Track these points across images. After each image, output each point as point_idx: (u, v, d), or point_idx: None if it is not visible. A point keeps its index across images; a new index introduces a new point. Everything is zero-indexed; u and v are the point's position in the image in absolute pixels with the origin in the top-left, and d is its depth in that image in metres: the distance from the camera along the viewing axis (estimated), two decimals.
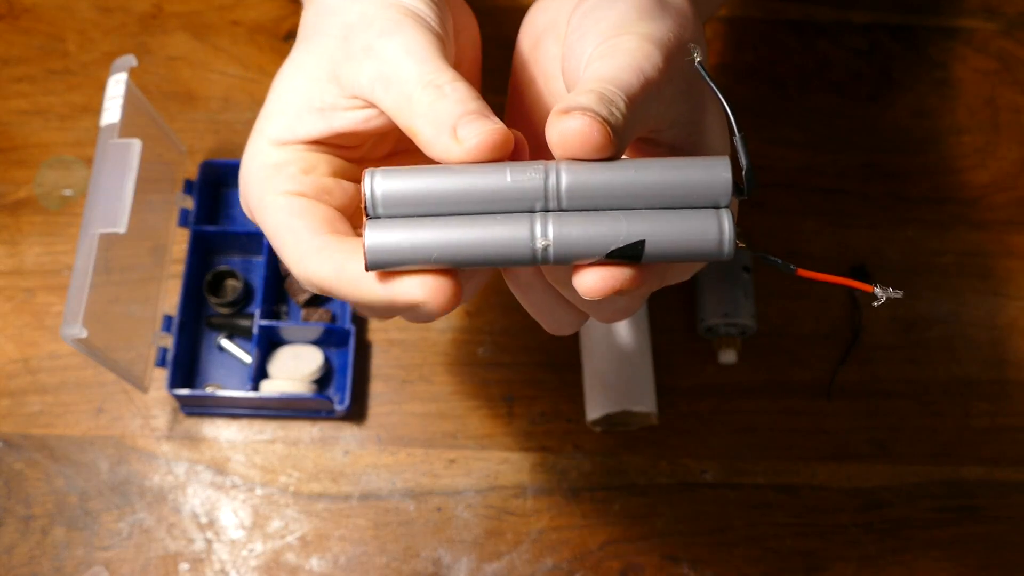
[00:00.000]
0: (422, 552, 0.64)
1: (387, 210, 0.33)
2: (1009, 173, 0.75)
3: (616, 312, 0.40)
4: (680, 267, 0.37)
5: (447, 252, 0.33)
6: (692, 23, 0.42)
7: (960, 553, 0.65)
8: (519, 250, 0.33)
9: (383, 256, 0.33)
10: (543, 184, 0.33)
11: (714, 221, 0.33)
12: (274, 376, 0.66)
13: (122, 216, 0.56)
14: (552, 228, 0.33)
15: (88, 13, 0.77)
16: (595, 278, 0.33)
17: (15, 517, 0.64)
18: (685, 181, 0.33)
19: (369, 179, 0.33)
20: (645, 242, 0.33)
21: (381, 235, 0.33)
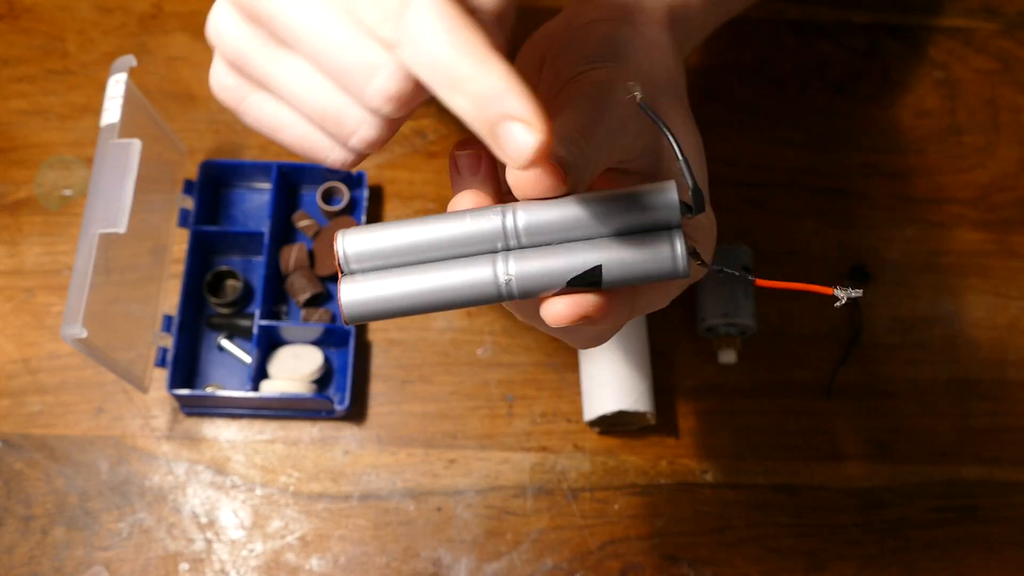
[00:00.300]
0: (422, 552, 0.64)
1: (360, 265, 0.36)
2: (1009, 173, 0.75)
3: (589, 339, 0.42)
4: (651, 294, 0.38)
5: (418, 299, 0.36)
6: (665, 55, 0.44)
7: (960, 553, 0.65)
8: (485, 289, 0.35)
9: (359, 310, 0.36)
10: (501, 225, 0.35)
11: (666, 242, 0.35)
12: (274, 376, 0.66)
13: (122, 216, 0.56)
14: (513, 265, 0.35)
15: (88, 13, 0.77)
16: (559, 307, 0.35)
17: (15, 517, 0.64)
18: (635, 208, 0.35)
19: (340, 240, 0.36)
20: (602, 267, 0.35)
21: (355, 290, 0.36)
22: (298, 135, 0.37)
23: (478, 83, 0.31)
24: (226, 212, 0.72)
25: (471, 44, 0.31)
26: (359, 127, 0.35)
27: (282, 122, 0.37)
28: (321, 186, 0.71)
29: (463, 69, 0.31)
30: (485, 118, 0.32)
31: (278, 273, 0.70)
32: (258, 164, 0.70)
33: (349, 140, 0.36)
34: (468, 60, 0.31)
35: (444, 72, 0.32)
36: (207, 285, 0.69)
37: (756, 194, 0.73)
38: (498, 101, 0.31)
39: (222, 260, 0.71)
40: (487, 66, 0.31)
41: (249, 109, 0.38)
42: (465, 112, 0.32)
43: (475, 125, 0.32)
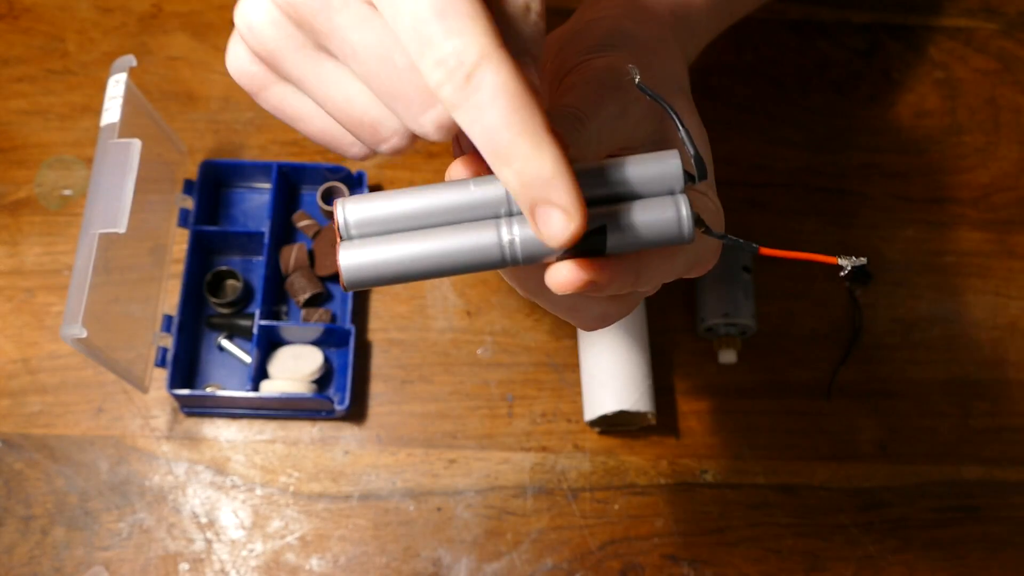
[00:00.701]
0: (422, 552, 0.64)
1: (360, 231, 0.35)
2: (1009, 173, 0.75)
3: (595, 319, 0.41)
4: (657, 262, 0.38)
5: (419, 262, 0.35)
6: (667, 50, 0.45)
7: (960, 553, 0.65)
8: (488, 252, 0.35)
9: (358, 274, 0.35)
10: (504, 190, 0.35)
11: (671, 205, 0.35)
12: (274, 376, 0.66)
13: (122, 216, 0.56)
14: (516, 228, 0.35)
15: (88, 13, 0.77)
16: (564, 271, 0.35)
17: (15, 517, 0.64)
18: (640, 174, 0.35)
19: (341, 207, 0.35)
20: (606, 226, 0.34)
21: (355, 254, 0.35)
22: (321, 128, 0.37)
23: (529, 165, 0.32)
24: (226, 212, 0.72)
25: (530, 125, 0.32)
26: (393, 137, 0.36)
27: (307, 115, 0.37)
28: (321, 186, 0.71)
29: (517, 149, 0.32)
30: (529, 196, 0.33)
31: (278, 273, 0.70)
32: (258, 164, 0.70)
33: (379, 146, 0.36)
34: (524, 141, 0.32)
35: (498, 147, 0.32)
36: (207, 285, 0.69)
37: (756, 194, 0.73)
38: (545, 187, 0.32)
39: (222, 260, 0.71)
40: (541, 151, 0.32)
41: (270, 98, 0.37)
42: (509, 185, 0.33)
43: (515, 197, 0.33)
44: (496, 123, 0.32)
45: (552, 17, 0.48)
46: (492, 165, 0.33)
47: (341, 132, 0.37)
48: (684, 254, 0.40)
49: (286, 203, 0.72)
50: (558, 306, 0.41)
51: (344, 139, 0.37)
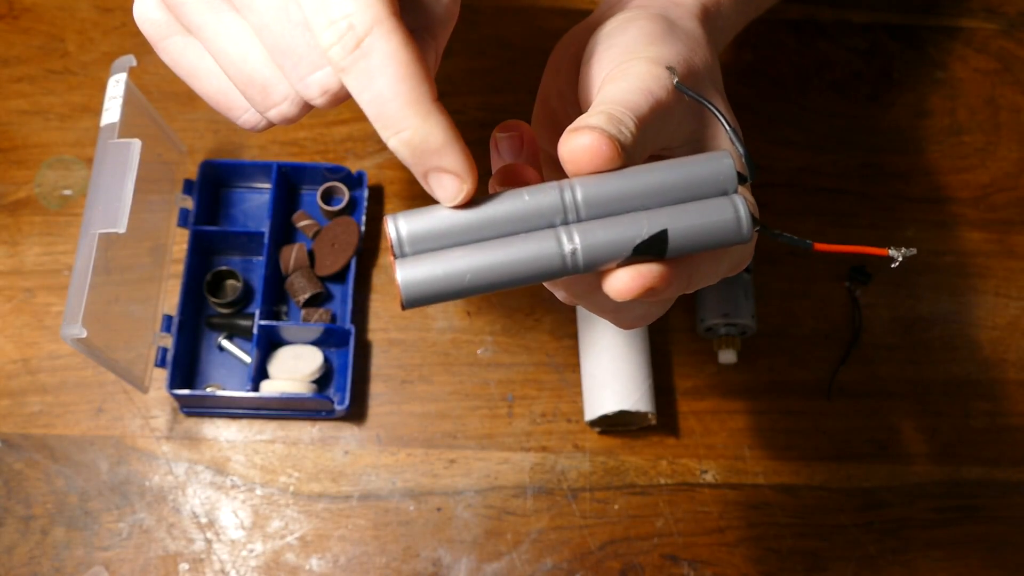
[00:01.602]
0: (422, 552, 0.64)
1: (414, 248, 0.34)
2: (1009, 173, 0.75)
3: (637, 318, 0.41)
4: (707, 266, 0.38)
5: (480, 275, 0.34)
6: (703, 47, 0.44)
7: (960, 553, 0.65)
8: (549, 260, 0.34)
9: (418, 290, 0.34)
10: (560, 199, 0.34)
11: (729, 205, 0.34)
12: (274, 376, 0.66)
13: (122, 216, 0.56)
14: (577, 235, 0.34)
15: (88, 13, 0.77)
16: (625, 279, 0.35)
17: (15, 517, 0.64)
18: (693, 175, 0.35)
19: (392, 223, 0.34)
20: (668, 231, 0.34)
21: (413, 270, 0.34)
22: (215, 88, 0.37)
23: (418, 134, 0.33)
24: (226, 212, 0.72)
25: (417, 94, 0.32)
26: (282, 103, 0.36)
27: (203, 71, 0.37)
28: (321, 186, 0.71)
29: (406, 119, 0.32)
30: (421, 164, 0.33)
31: (278, 273, 0.70)
32: (258, 164, 0.70)
33: (268, 111, 0.36)
34: (412, 110, 0.32)
35: (386, 115, 0.32)
36: (207, 285, 0.69)
37: (756, 194, 0.72)
38: (436, 155, 0.33)
39: (222, 260, 0.71)
40: (428, 120, 0.33)
41: (170, 48, 0.37)
42: (397, 151, 0.33)
43: (405, 164, 0.33)
44: (384, 92, 0.32)
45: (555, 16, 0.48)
46: (381, 133, 0.33)
47: (235, 95, 0.37)
48: (730, 255, 0.40)
49: (286, 203, 0.72)
50: (603, 308, 0.41)
51: (237, 102, 0.37)
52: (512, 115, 0.39)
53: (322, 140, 0.74)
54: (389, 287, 0.70)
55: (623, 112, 0.37)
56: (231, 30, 0.35)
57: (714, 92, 0.45)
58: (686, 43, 0.44)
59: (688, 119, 0.41)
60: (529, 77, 0.75)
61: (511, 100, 0.74)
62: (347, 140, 0.74)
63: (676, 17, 0.46)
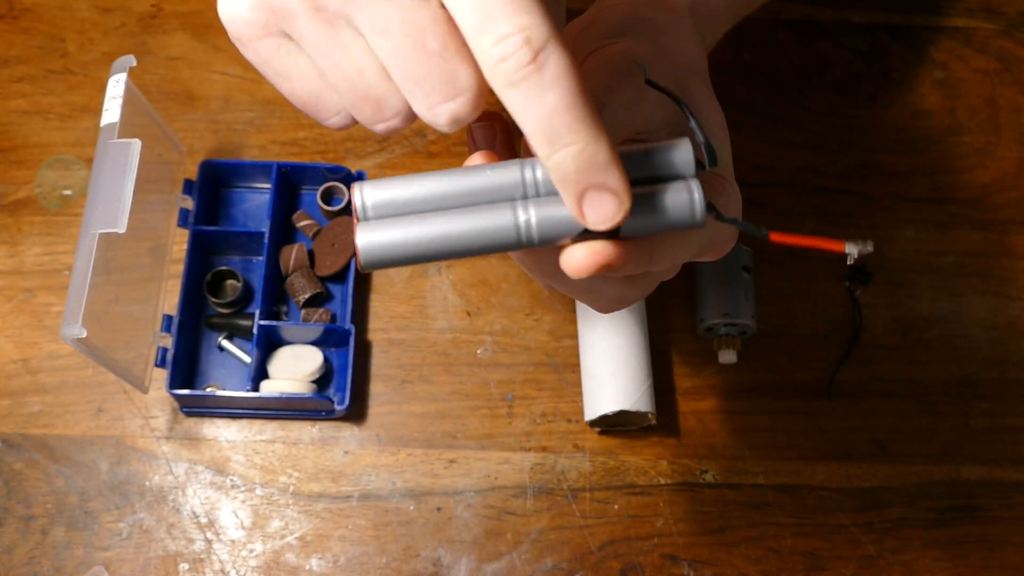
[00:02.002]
0: (422, 552, 0.64)
1: (377, 214, 0.35)
2: (1009, 173, 0.75)
3: (612, 301, 0.41)
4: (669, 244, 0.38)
5: (436, 243, 0.35)
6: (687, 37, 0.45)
7: (960, 553, 0.65)
8: (504, 232, 0.35)
9: (376, 254, 0.35)
10: (520, 175, 0.35)
11: (683, 189, 0.35)
12: (274, 376, 0.66)
13: (122, 216, 0.56)
14: (533, 209, 0.35)
15: (88, 13, 0.77)
16: (580, 255, 0.35)
17: (15, 517, 0.64)
18: (651, 162, 0.36)
19: (359, 190, 0.35)
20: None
21: (372, 234, 0.35)
22: (307, 92, 0.36)
23: (585, 148, 0.32)
24: (226, 212, 0.72)
25: (588, 110, 0.32)
26: (394, 119, 0.35)
27: (296, 75, 0.36)
28: (321, 186, 0.71)
29: (577, 134, 0.32)
30: (583, 181, 0.33)
31: (278, 273, 0.70)
32: (258, 164, 0.70)
33: (375, 124, 0.35)
34: (584, 126, 0.32)
35: (554, 130, 0.32)
36: (207, 285, 0.69)
37: (756, 194, 0.73)
38: (601, 172, 0.32)
39: (222, 260, 0.71)
40: (599, 136, 0.32)
41: (260, 49, 0.36)
42: (559, 167, 0.32)
43: (563, 181, 0.33)
44: (556, 106, 0.31)
45: None
46: (542, 147, 0.32)
47: (329, 99, 0.36)
48: (697, 236, 0.40)
49: (286, 203, 0.72)
50: (575, 289, 0.41)
51: (330, 107, 0.36)
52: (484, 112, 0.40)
53: (322, 140, 0.74)
54: (389, 287, 0.70)
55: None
56: (348, 46, 0.34)
57: (692, 79, 0.45)
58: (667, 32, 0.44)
59: (664, 104, 0.41)
60: None
61: None
62: (347, 140, 0.74)
63: (660, 8, 0.46)
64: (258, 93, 0.75)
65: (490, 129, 0.39)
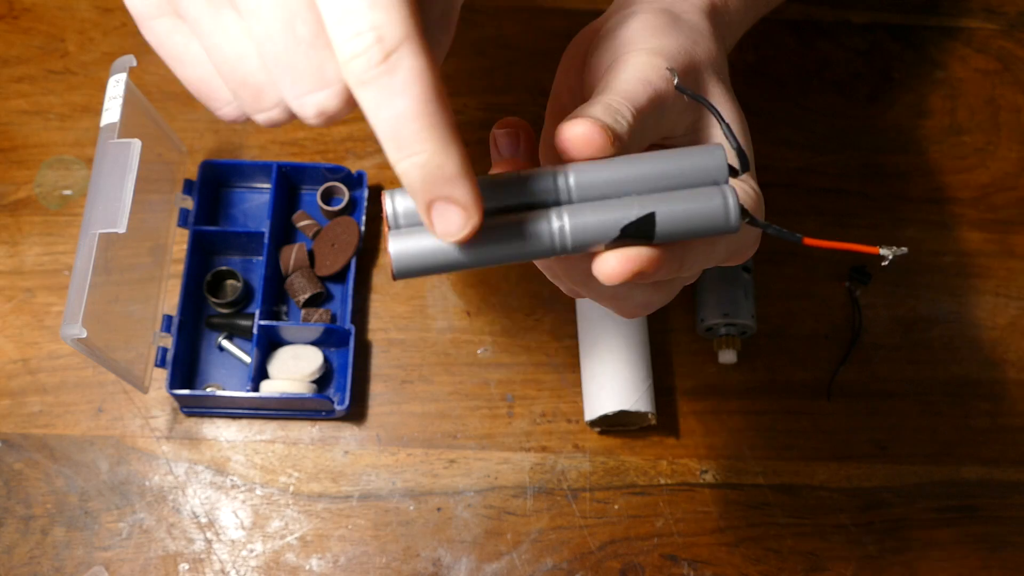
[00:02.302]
0: (422, 552, 0.64)
1: (408, 222, 0.35)
2: (1009, 173, 0.75)
3: (637, 307, 0.41)
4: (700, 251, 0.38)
5: (469, 252, 0.35)
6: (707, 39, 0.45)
7: (960, 553, 0.65)
8: (538, 239, 0.35)
9: (409, 262, 0.35)
10: (553, 182, 0.35)
11: (718, 194, 0.35)
12: (274, 376, 0.66)
13: (122, 216, 0.56)
14: (566, 216, 0.35)
15: (88, 13, 0.77)
16: (614, 262, 0.35)
17: (15, 517, 0.64)
18: (685, 166, 0.35)
19: (390, 198, 0.35)
20: (655, 214, 0.35)
21: (405, 243, 0.35)
22: (199, 77, 0.35)
23: (431, 159, 0.31)
24: (226, 212, 0.72)
25: (439, 117, 0.31)
26: (271, 110, 0.34)
27: (188, 58, 0.35)
28: (321, 186, 0.71)
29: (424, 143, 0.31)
30: (428, 192, 0.32)
31: (278, 273, 0.70)
32: (258, 164, 0.70)
33: (255, 114, 0.34)
34: (432, 135, 0.31)
35: (402, 137, 0.31)
36: (207, 285, 0.69)
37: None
38: (448, 184, 0.32)
39: (222, 260, 0.71)
40: (447, 146, 0.31)
41: (156, 28, 0.35)
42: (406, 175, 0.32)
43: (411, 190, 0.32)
44: (405, 111, 0.31)
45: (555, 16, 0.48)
46: (391, 154, 0.32)
47: (219, 87, 0.35)
48: (726, 242, 0.40)
49: (286, 203, 0.72)
50: (602, 295, 0.41)
51: (220, 95, 0.35)
52: (512, 115, 0.40)
53: (322, 140, 0.74)
54: (389, 287, 0.70)
55: (620, 102, 0.37)
56: (229, 28, 0.33)
57: (718, 83, 0.45)
58: (689, 35, 0.44)
59: (689, 110, 0.41)
60: (529, 77, 0.75)
61: (511, 100, 0.74)
62: (347, 140, 0.74)
63: (681, 11, 0.46)
64: None
65: (514, 136, 0.39)
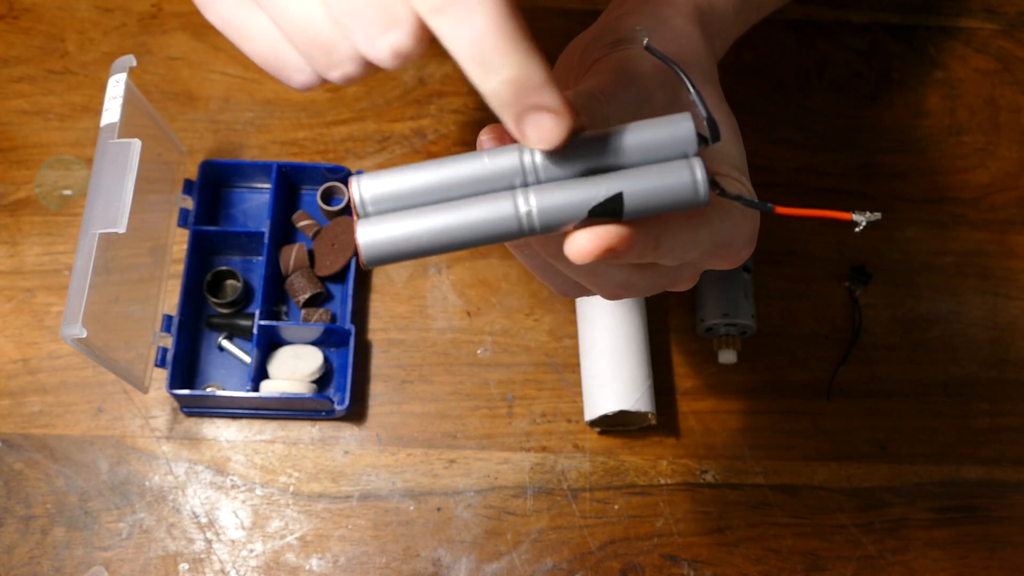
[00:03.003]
0: (422, 552, 0.64)
1: (376, 208, 0.35)
2: (1009, 173, 0.75)
3: (619, 286, 0.41)
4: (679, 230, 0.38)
5: (438, 236, 0.35)
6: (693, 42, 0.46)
7: (960, 553, 0.65)
8: (506, 223, 0.35)
9: (377, 250, 0.35)
10: (519, 161, 0.35)
11: (686, 167, 0.35)
12: (274, 376, 0.66)
13: (122, 216, 0.56)
14: (533, 197, 0.35)
15: (88, 13, 0.77)
16: (583, 241, 0.35)
17: (15, 517, 0.64)
18: (653, 137, 0.35)
19: (356, 184, 0.35)
20: (623, 194, 0.34)
21: (373, 231, 0.35)
22: (269, 48, 0.36)
23: (518, 71, 0.31)
24: (226, 212, 0.72)
25: (519, 31, 0.31)
26: (345, 64, 0.34)
27: (255, 31, 0.35)
28: (321, 186, 0.71)
29: (509, 56, 0.31)
30: (517, 103, 0.32)
31: (278, 273, 0.70)
32: (258, 164, 0.70)
33: (329, 72, 0.35)
34: (515, 48, 0.31)
35: (486, 54, 0.31)
36: (207, 285, 0.69)
37: (756, 194, 0.73)
38: (538, 93, 0.32)
39: (222, 260, 0.71)
40: (530, 57, 0.31)
41: (219, 7, 0.36)
42: (495, 93, 0.32)
43: (501, 107, 0.32)
44: (485, 29, 0.31)
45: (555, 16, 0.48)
46: (476, 74, 0.32)
47: (289, 54, 0.35)
48: (707, 225, 0.39)
49: (286, 203, 0.72)
50: (579, 273, 0.40)
51: (291, 62, 0.35)
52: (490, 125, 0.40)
53: (322, 140, 0.74)
54: (389, 287, 0.70)
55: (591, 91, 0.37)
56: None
57: (706, 85, 0.45)
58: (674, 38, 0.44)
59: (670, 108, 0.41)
60: None
61: None
62: (347, 140, 0.74)
63: (666, 16, 0.46)
64: (258, 93, 0.75)
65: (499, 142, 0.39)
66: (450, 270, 0.71)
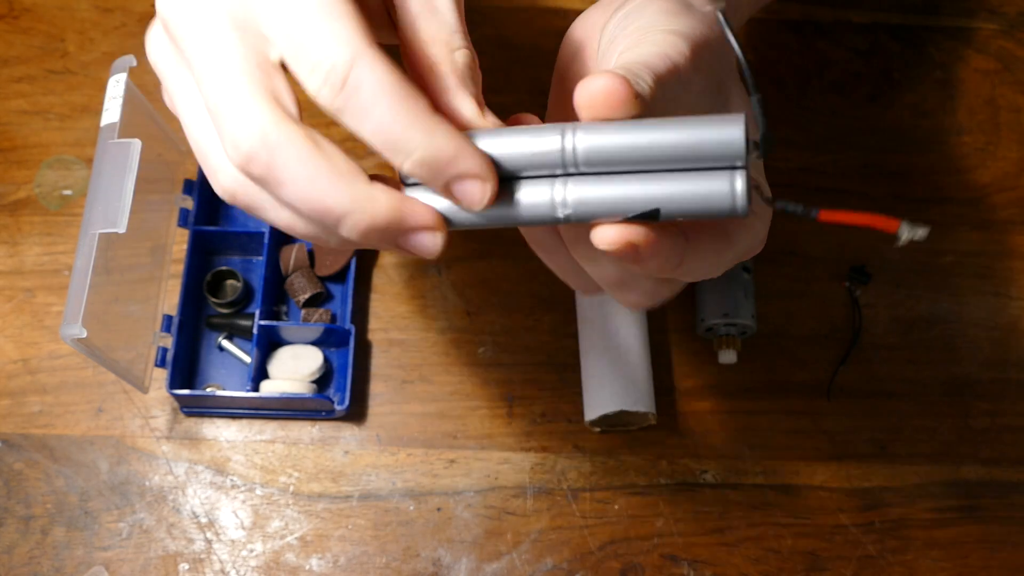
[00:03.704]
0: (422, 552, 0.64)
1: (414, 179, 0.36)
2: (1009, 173, 0.75)
3: (644, 294, 0.41)
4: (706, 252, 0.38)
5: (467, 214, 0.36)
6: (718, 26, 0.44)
7: (960, 553, 0.65)
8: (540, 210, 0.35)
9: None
10: (560, 146, 0.35)
11: (726, 180, 0.34)
12: (274, 376, 0.66)
13: (122, 216, 0.56)
14: (570, 193, 0.35)
15: (88, 13, 0.77)
16: (611, 232, 0.35)
17: (15, 517, 0.64)
18: (699, 140, 0.34)
19: None
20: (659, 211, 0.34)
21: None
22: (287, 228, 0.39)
23: (428, 150, 0.33)
24: (226, 212, 0.72)
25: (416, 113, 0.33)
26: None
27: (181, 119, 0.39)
28: None
29: (413, 140, 0.33)
30: (440, 177, 0.34)
31: (278, 273, 0.70)
32: None
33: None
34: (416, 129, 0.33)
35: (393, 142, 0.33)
36: (207, 285, 0.69)
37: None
38: (449, 164, 0.33)
39: (222, 260, 0.71)
40: (435, 133, 0.33)
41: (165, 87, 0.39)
42: (415, 173, 0.34)
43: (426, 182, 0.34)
44: (383, 121, 0.33)
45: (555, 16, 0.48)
46: (391, 159, 0.33)
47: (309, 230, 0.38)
48: (732, 248, 0.39)
49: None
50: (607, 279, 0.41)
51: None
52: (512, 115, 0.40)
53: None
54: (389, 287, 0.70)
55: (641, 67, 0.37)
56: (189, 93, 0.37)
57: (731, 73, 0.45)
58: (703, 21, 0.44)
59: (706, 94, 0.41)
60: (529, 77, 0.75)
61: (511, 100, 0.74)
62: (347, 140, 0.74)
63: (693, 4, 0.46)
64: None
65: None
66: (450, 270, 0.71)
